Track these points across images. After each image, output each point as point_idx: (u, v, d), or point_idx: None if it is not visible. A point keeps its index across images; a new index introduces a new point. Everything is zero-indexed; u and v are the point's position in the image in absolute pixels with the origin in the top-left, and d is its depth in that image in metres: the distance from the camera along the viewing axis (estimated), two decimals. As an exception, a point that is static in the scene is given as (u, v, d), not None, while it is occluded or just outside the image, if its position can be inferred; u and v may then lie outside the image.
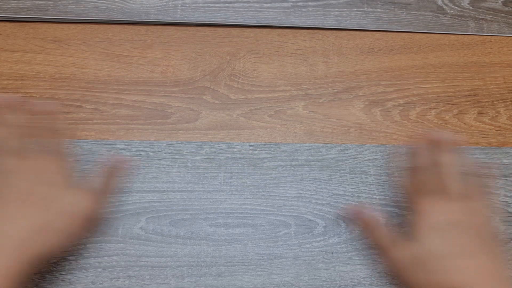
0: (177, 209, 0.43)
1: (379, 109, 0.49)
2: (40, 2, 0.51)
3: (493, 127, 0.49)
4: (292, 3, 0.54)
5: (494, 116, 0.50)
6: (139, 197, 0.43)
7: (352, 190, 0.45)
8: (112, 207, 0.43)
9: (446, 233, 0.36)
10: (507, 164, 0.47)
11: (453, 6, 0.56)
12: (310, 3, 0.54)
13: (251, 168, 0.45)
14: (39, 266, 0.34)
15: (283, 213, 0.43)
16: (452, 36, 0.55)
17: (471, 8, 0.56)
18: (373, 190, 0.45)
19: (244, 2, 0.54)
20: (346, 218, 0.43)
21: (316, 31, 0.54)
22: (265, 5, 0.54)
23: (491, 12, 0.56)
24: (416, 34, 0.54)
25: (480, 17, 0.55)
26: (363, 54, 0.53)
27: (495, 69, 0.53)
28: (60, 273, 0.40)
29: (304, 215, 0.43)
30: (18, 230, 0.34)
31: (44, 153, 0.38)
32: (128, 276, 0.40)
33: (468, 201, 0.38)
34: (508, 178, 0.46)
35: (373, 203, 0.44)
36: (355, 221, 0.43)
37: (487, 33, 0.55)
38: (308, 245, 0.42)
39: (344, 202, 0.44)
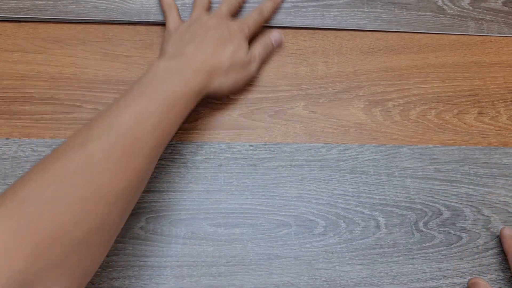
0: (177, 209, 0.43)
1: (379, 109, 0.49)
2: (40, 2, 0.51)
3: (493, 127, 0.49)
4: (292, 3, 0.54)
5: (494, 116, 0.50)
6: (139, 197, 0.43)
7: (352, 190, 0.45)
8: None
9: None
10: (507, 164, 0.47)
11: (453, 6, 0.56)
12: (310, 3, 0.54)
13: (251, 168, 0.45)
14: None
15: (283, 213, 0.43)
16: (452, 36, 0.55)
17: (471, 8, 0.56)
18: (373, 190, 0.45)
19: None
20: (347, 218, 0.43)
21: (316, 31, 0.54)
22: (265, 5, 0.54)
23: (491, 12, 0.56)
24: (416, 34, 0.54)
25: (480, 17, 0.55)
26: (363, 54, 0.53)
27: (495, 69, 0.53)
28: (60, 273, 0.40)
29: (304, 215, 0.43)
30: (209, 63, 0.43)
31: (237, 21, 0.49)
32: (128, 276, 0.40)
33: None
34: (508, 178, 0.46)
35: (373, 203, 0.44)
36: None
37: (487, 33, 0.55)
38: (308, 245, 0.42)
39: (345, 201, 0.44)
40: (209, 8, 0.51)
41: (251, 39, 0.50)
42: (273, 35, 0.51)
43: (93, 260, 0.33)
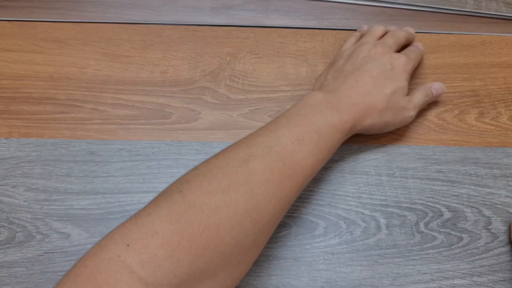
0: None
1: (380, 109, 0.49)
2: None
3: (494, 127, 0.49)
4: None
5: (495, 116, 0.49)
6: (139, 197, 0.43)
7: (353, 190, 0.45)
8: (111, 208, 0.43)
9: None
10: (508, 164, 0.46)
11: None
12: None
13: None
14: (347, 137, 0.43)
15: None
16: (452, 37, 0.54)
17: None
18: (374, 190, 0.45)
19: (244, 2, 0.54)
20: (347, 219, 0.43)
21: (316, 32, 0.54)
22: (265, 5, 0.54)
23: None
24: (416, 35, 0.54)
25: (479, -6, 0.55)
26: (363, 55, 0.52)
27: (495, 69, 0.53)
28: (60, 273, 0.40)
29: (304, 216, 0.43)
30: (365, 101, 0.42)
31: (399, 54, 0.46)
32: (128, 276, 0.40)
33: None
34: (509, 179, 0.46)
35: (374, 203, 0.44)
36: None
37: (485, 10, 0.54)
38: (308, 246, 0.42)
39: (345, 202, 0.44)
40: (379, 38, 0.49)
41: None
42: (435, 86, 0.48)
43: (235, 278, 0.34)
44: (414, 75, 0.51)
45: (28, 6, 0.51)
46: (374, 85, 0.43)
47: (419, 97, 0.46)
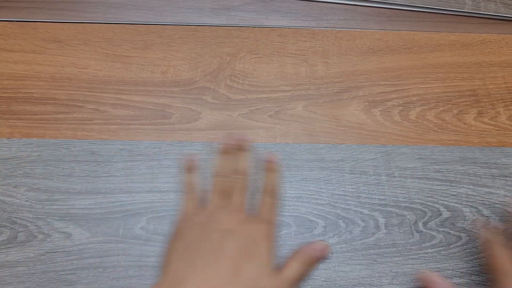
0: (177, 209, 0.43)
1: (379, 109, 0.49)
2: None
3: (493, 127, 0.49)
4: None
5: (494, 116, 0.50)
6: (140, 197, 0.44)
7: (352, 190, 0.45)
8: (112, 207, 0.43)
9: None
10: (507, 164, 0.47)
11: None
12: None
13: (251, 168, 0.45)
14: None
15: (283, 213, 0.44)
16: (452, 36, 0.55)
17: (469, -11, 0.56)
18: (373, 190, 0.45)
19: (244, 2, 0.54)
20: (346, 219, 0.44)
21: (316, 31, 0.54)
22: (265, 5, 0.54)
23: (489, -6, 0.56)
24: (416, 34, 0.54)
25: (478, -4, 0.55)
26: (363, 55, 0.53)
27: (495, 69, 0.53)
28: (61, 273, 0.40)
29: (304, 215, 0.44)
30: None
31: (258, 219, 0.38)
32: (129, 276, 0.40)
33: None
34: (508, 178, 0.46)
35: (373, 203, 0.44)
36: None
37: (484, 11, 0.54)
38: (308, 245, 0.42)
39: (344, 202, 0.44)
40: (230, 192, 0.41)
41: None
42: (318, 247, 0.39)
43: None
44: (414, 75, 0.51)
45: (29, 7, 0.51)
46: (233, 270, 0.34)
47: (296, 267, 0.37)
